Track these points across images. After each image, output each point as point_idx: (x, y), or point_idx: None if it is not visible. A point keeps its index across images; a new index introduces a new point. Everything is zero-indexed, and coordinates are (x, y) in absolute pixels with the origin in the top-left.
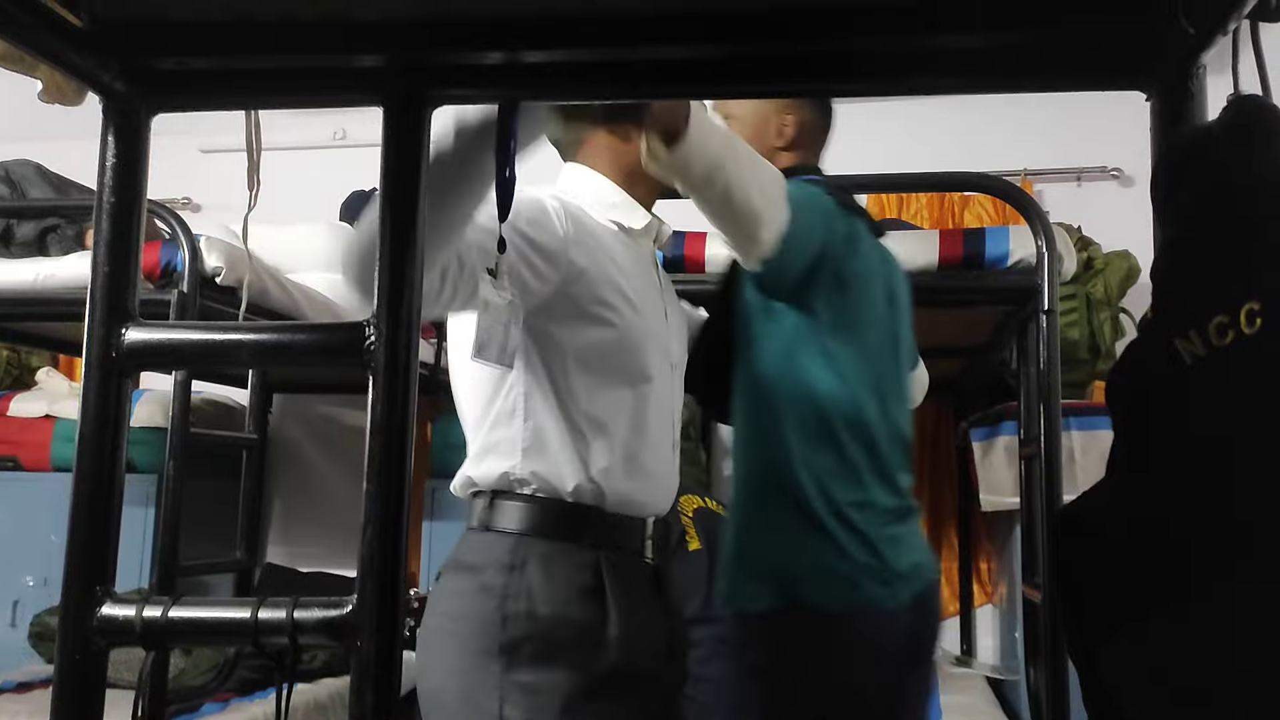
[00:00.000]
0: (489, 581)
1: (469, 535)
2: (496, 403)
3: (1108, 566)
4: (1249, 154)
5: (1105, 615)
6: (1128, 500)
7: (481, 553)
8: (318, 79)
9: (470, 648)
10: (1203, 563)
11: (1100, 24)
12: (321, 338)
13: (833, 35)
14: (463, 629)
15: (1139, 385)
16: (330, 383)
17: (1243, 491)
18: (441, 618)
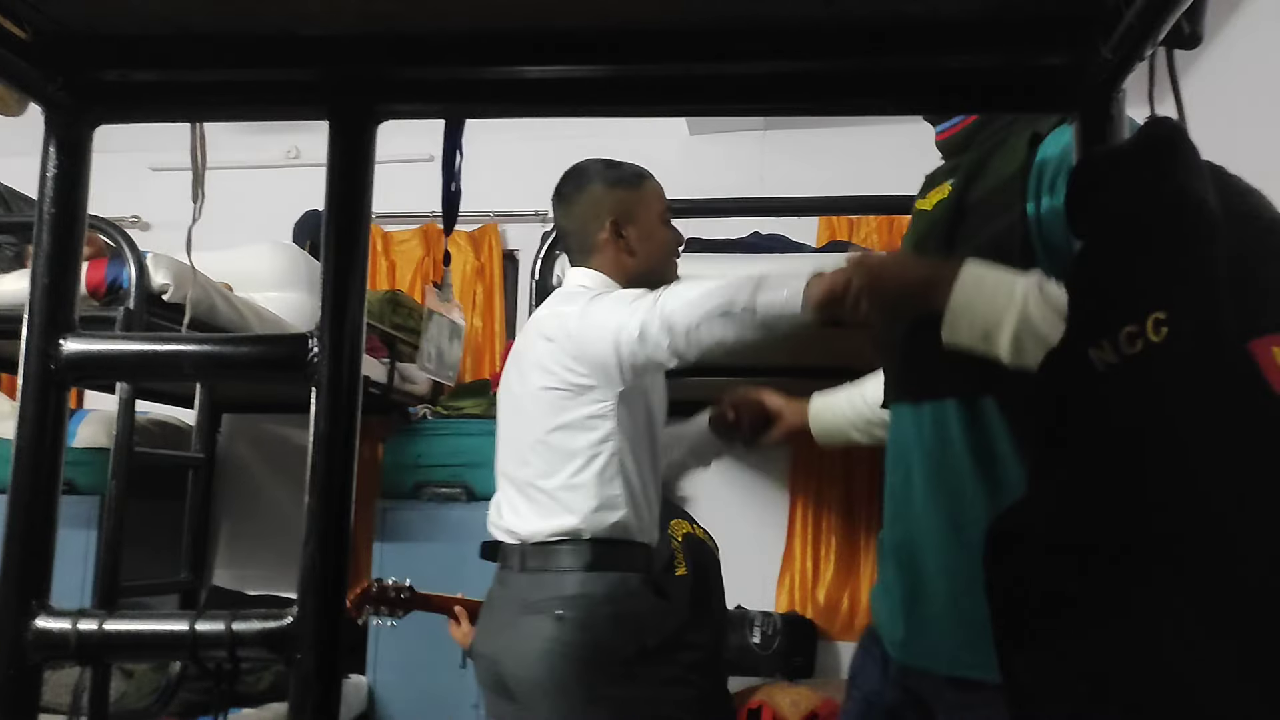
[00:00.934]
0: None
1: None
2: (597, 462)
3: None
4: (1157, 172)
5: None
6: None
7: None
8: (263, 93)
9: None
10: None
11: (1029, 51)
12: (264, 350)
13: (775, 56)
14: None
15: (1056, 394)
16: (280, 402)
17: (1150, 493)
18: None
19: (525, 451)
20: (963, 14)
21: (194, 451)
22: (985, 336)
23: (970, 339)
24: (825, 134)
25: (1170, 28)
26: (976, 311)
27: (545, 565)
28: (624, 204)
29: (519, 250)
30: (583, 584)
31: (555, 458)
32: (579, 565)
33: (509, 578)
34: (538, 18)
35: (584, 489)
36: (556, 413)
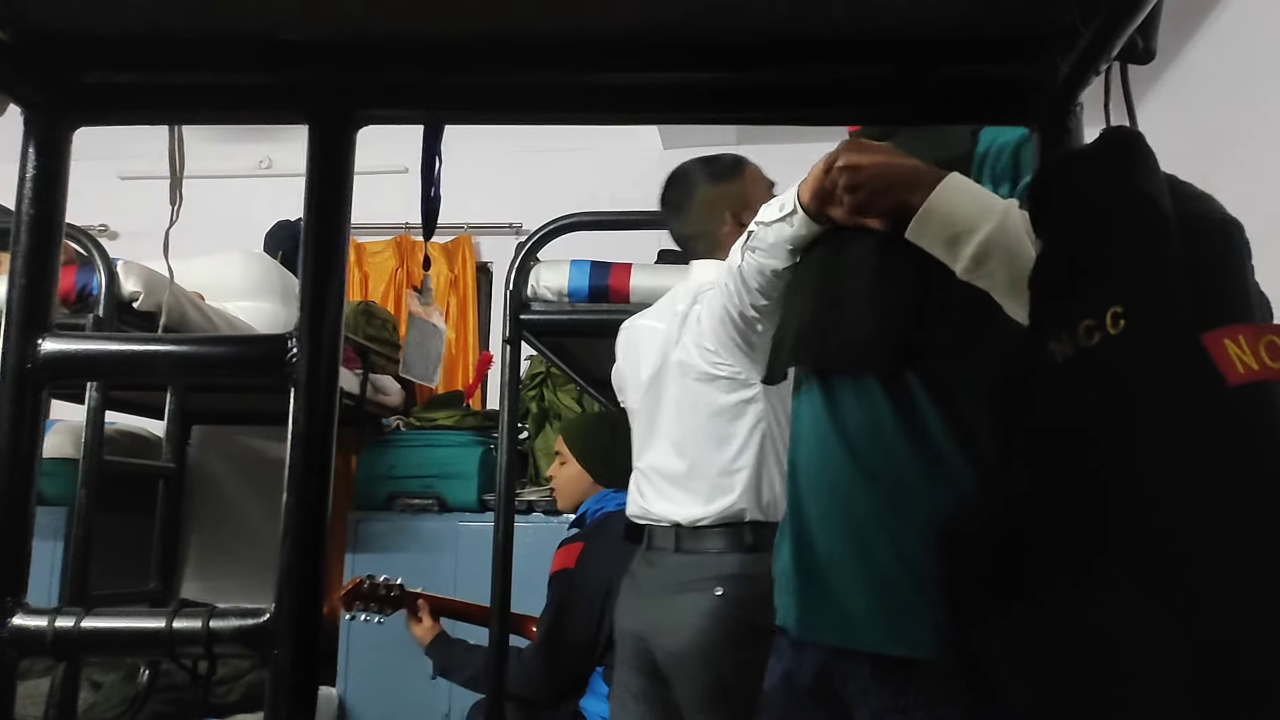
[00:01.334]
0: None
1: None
2: (752, 446)
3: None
4: (1115, 174)
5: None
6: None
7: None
8: (243, 96)
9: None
10: (1062, 545)
11: (992, 64)
12: (242, 351)
13: (747, 66)
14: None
15: (1018, 386)
16: (251, 413)
17: (1106, 479)
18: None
19: (675, 442)
20: (928, 27)
21: (164, 461)
22: (953, 240)
23: (936, 241)
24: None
25: (1125, 43)
26: (954, 213)
27: (701, 547)
28: (736, 193)
29: (492, 262)
30: (742, 565)
31: (712, 445)
32: (738, 547)
33: (660, 558)
34: (517, 25)
35: (743, 472)
36: (708, 402)
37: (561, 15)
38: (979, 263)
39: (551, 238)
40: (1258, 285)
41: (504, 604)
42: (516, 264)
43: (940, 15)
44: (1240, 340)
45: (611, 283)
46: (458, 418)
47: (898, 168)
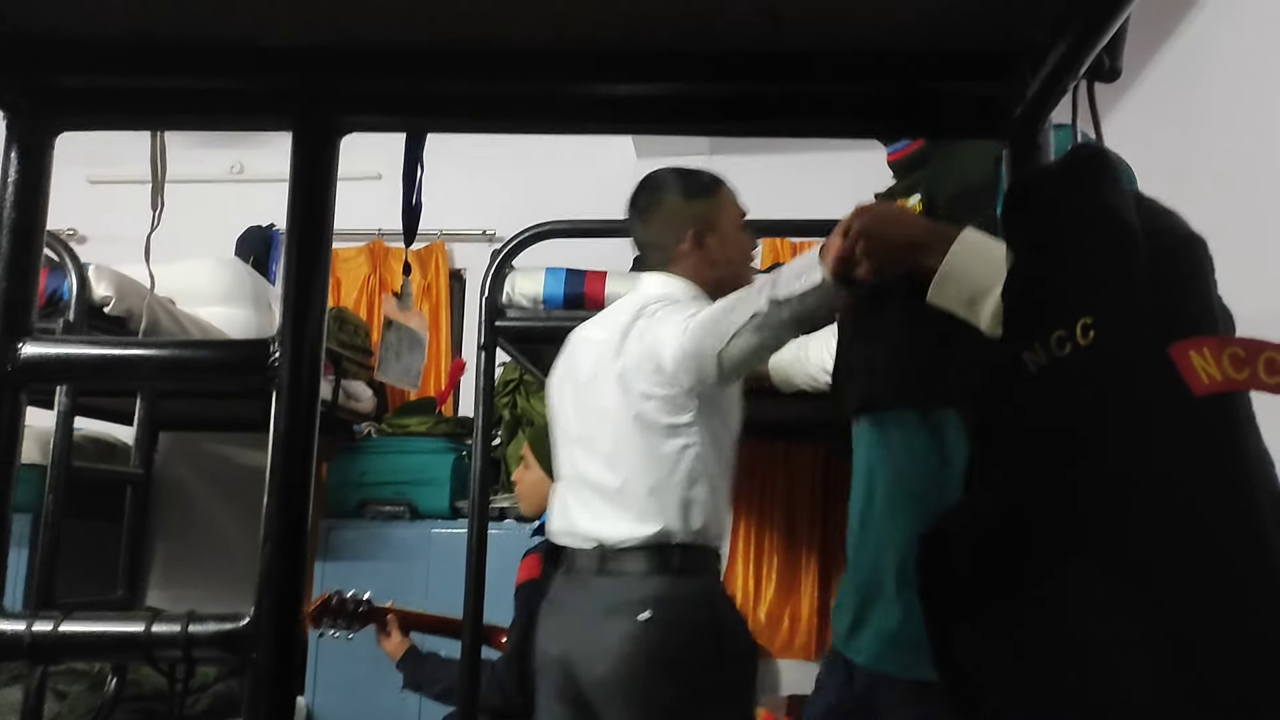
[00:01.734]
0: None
1: (666, 579)
2: (682, 467)
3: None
4: (1084, 188)
5: (959, 602)
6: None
7: (688, 591)
8: (227, 102)
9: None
10: (1041, 549)
11: (965, 80)
12: (224, 354)
13: (724, 77)
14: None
15: (993, 397)
16: (220, 420)
17: (1076, 485)
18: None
19: (607, 456)
20: (902, 42)
21: (132, 467)
22: (971, 301)
23: (955, 302)
24: (770, 159)
25: (1092, 62)
26: (969, 275)
27: (627, 569)
28: (703, 213)
29: (466, 269)
30: (671, 587)
31: (643, 462)
32: (665, 569)
33: (583, 581)
34: (498, 35)
35: (671, 493)
36: (643, 418)
37: (542, 26)
38: (999, 321)
39: (527, 245)
40: (1221, 299)
41: (477, 611)
42: (492, 271)
43: (914, 33)
44: (1205, 352)
45: (587, 290)
46: (430, 424)
47: (912, 231)
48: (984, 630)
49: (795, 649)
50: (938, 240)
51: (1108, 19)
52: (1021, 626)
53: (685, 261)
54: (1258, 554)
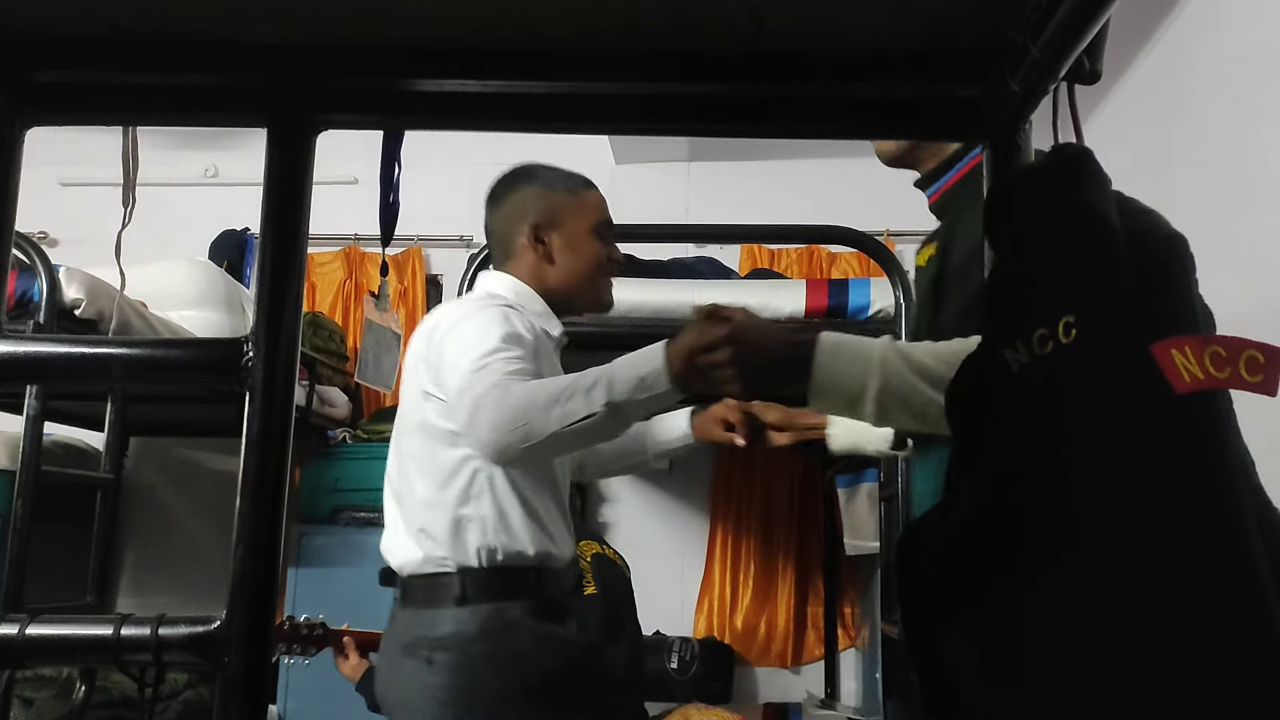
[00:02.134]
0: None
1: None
2: (458, 480)
3: (943, 565)
4: (1066, 188)
5: (942, 608)
6: (961, 499)
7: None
8: (202, 98)
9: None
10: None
11: (945, 82)
12: (197, 354)
13: (705, 78)
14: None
15: (974, 395)
16: (192, 425)
17: (1059, 482)
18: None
19: (400, 463)
20: (884, 44)
21: (102, 472)
22: (851, 403)
23: (837, 407)
24: (748, 166)
25: (1072, 64)
26: (839, 380)
27: (419, 600)
28: (551, 208)
29: (443, 275)
30: (455, 621)
31: (420, 472)
32: (449, 599)
33: (394, 613)
34: (478, 33)
35: (443, 510)
36: (423, 422)
37: (522, 24)
38: (881, 413)
39: None
40: (1201, 298)
41: None
42: (469, 275)
43: (895, 35)
44: (1186, 350)
45: None
46: None
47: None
48: (972, 633)
49: (771, 657)
50: (799, 349)
51: (1088, 22)
52: (1010, 628)
53: (521, 260)
54: (1241, 552)
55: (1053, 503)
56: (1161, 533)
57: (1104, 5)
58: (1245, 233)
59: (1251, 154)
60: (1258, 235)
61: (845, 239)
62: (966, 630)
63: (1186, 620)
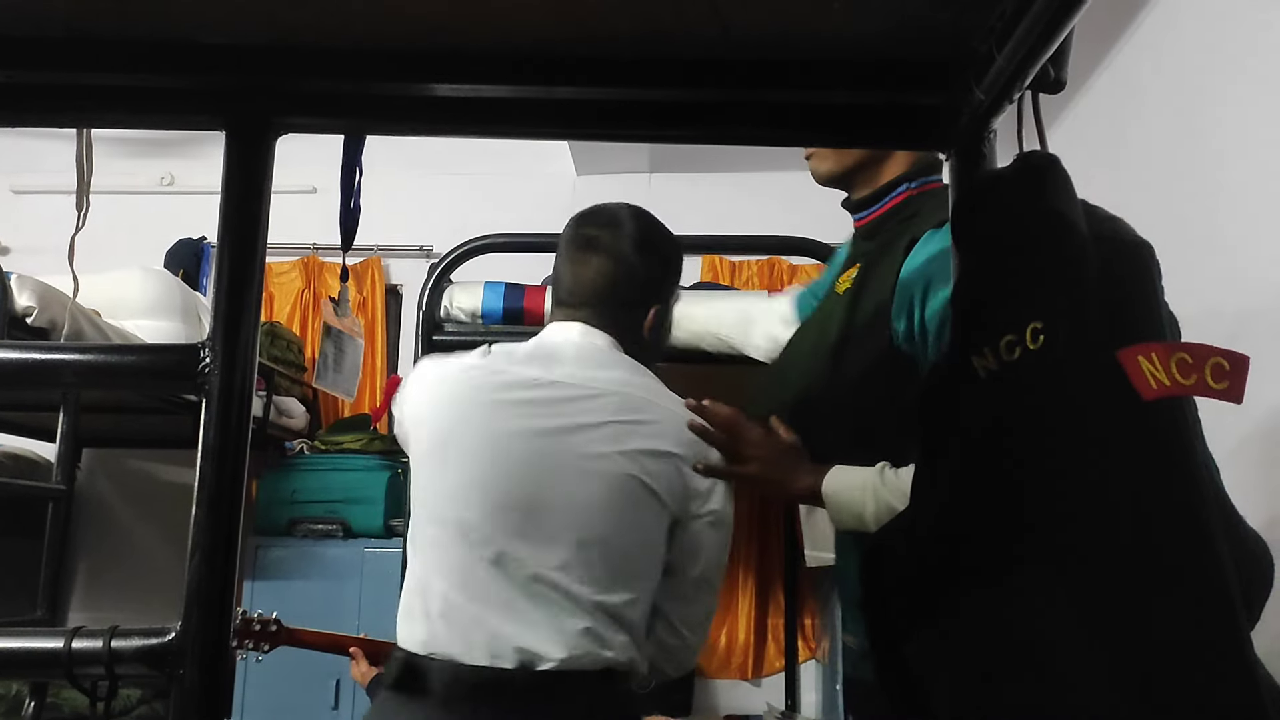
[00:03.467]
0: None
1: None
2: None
3: (910, 571)
4: (1033, 195)
5: (909, 614)
6: (927, 505)
7: None
8: (157, 100)
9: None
10: (993, 554)
11: (911, 90)
12: (153, 360)
13: (670, 83)
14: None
15: (941, 402)
16: (146, 436)
17: (1026, 488)
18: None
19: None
20: (850, 52)
21: (54, 483)
22: (857, 520)
23: (847, 525)
24: (710, 177)
25: (1037, 72)
26: (845, 510)
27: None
28: (668, 291)
29: (402, 285)
30: None
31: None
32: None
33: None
34: (441, 37)
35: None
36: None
37: (485, 28)
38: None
39: (466, 259)
40: (1167, 305)
41: None
42: (430, 284)
43: (861, 43)
44: (1153, 357)
45: (526, 305)
46: (365, 441)
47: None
48: (940, 638)
49: (732, 669)
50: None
51: (1053, 31)
52: (978, 633)
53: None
54: (1206, 558)
55: (1018, 509)
56: (1127, 539)
57: (1068, 15)
58: (1201, 239)
59: (1207, 162)
60: (1215, 242)
61: (806, 250)
62: (934, 635)
63: (1151, 627)
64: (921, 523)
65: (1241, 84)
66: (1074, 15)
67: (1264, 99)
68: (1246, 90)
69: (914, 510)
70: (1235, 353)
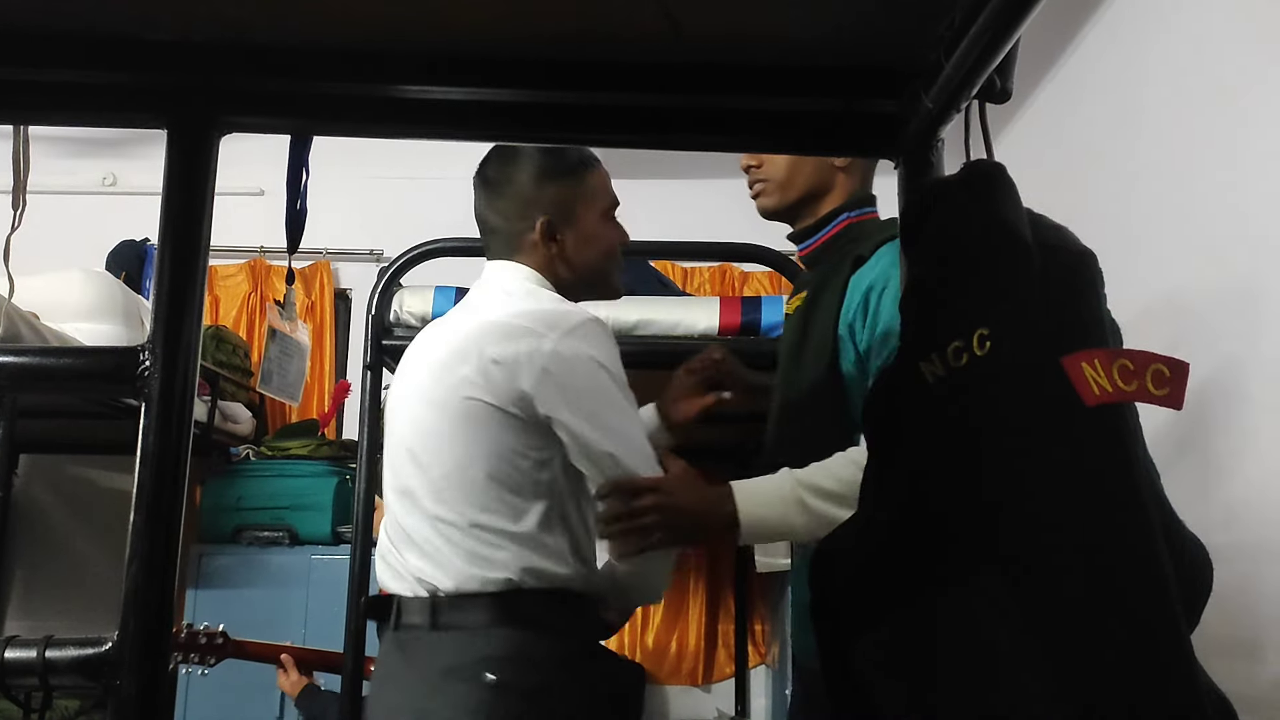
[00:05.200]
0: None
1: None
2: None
3: (859, 575)
4: (979, 204)
5: (857, 618)
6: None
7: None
8: (97, 97)
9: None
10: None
11: (861, 98)
12: (90, 363)
13: (623, 87)
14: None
15: (889, 407)
16: (85, 442)
17: (972, 492)
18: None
19: (447, 482)
20: (801, 59)
21: None
22: (787, 534)
23: (776, 549)
24: (663, 184)
25: (984, 83)
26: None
27: (468, 622)
28: (561, 201)
29: (351, 289)
30: (521, 644)
31: (488, 494)
32: (515, 622)
33: (414, 638)
34: (389, 37)
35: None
36: (494, 442)
37: (433, 29)
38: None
39: (416, 262)
40: (1109, 312)
41: (359, 641)
42: (379, 288)
43: (813, 50)
44: (1096, 363)
45: None
46: (312, 447)
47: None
48: (888, 642)
49: (682, 675)
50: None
51: (1000, 41)
52: (925, 638)
53: (532, 254)
54: (1148, 563)
55: (966, 514)
56: (1070, 544)
57: (1014, 26)
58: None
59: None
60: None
61: (757, 257)
62: (882, 639)
63: (1094, 633)
64: (870, 526)
65: (1178, 95)
66: (1019, 26)
67: (1200, 109)
68: (1183, 101)
69: (863, 515)
70: (1175, 359)
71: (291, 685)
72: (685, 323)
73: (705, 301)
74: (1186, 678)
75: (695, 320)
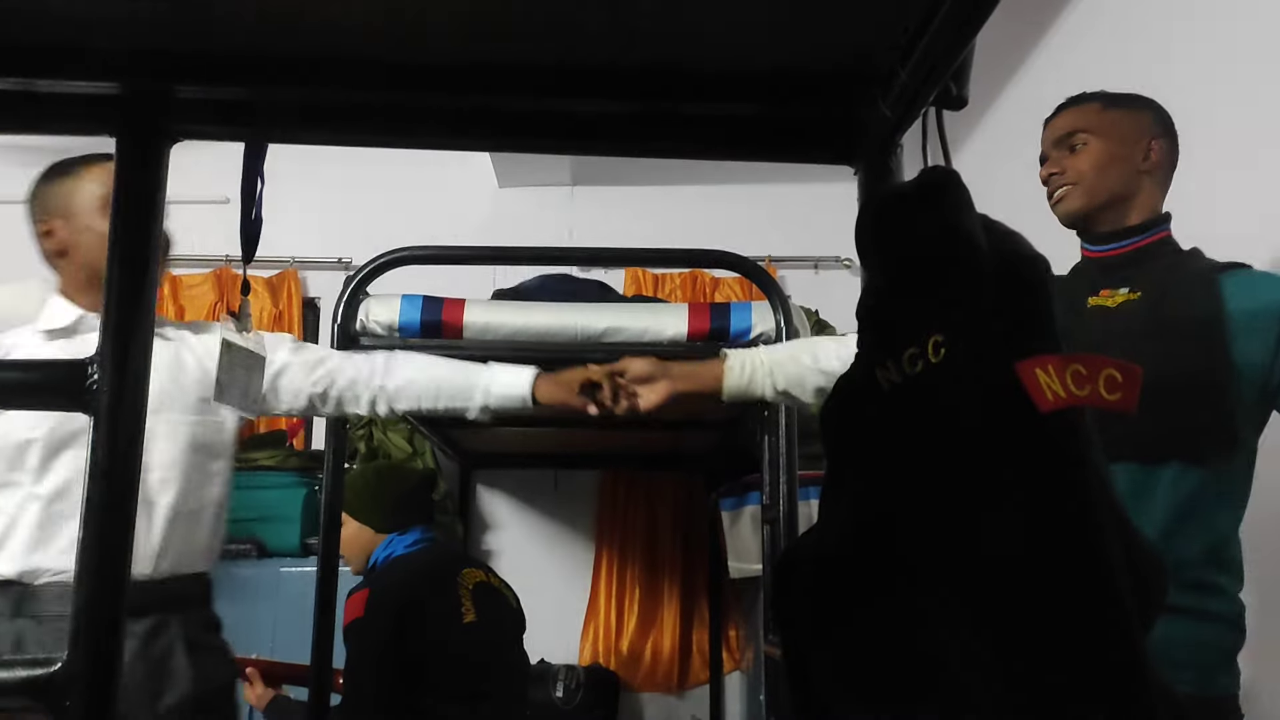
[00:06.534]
0: None
1: None
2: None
3: (816, 585)
4: (934, 210)
5: (815, 628)
6: (832, 519)
7: None
8: (45, 106)
9: None
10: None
11: (818, 105)
12: (37, 376)
13: (580, 94)
14: None
15: (845, 414)
16: None
17: (926, 500)
18: None
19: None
20: (758, 65)
21: None
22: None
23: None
24: (632, 190)
25: (940, 90)
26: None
27: None
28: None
29: (320, 298)
30: None
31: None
32: None
33: None
34: (345, 42)
35: None
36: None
37: (387, 35)
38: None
39: (382, 271)
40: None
41: (324, 654)
42: (345, 296)
43: (771, 55)
44: (1050, 369)
45: (445, 318)
46: (280, 458)
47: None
48: (843, 652)
49: (657, 682)
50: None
51: (955, 48)
52: (879, 648)
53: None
54: (1102, 573)
55: (919, 522)
56: (1023, 552)
57: (968, 32)
58: None
59: None
60: None
61: (728, 264)
62: (838, 650)
63: (1046, 641)
64: (828, 535)
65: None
66: (973, 33)
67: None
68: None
69: (820, 524)
70: (1127, 364)
71: (258, 698)
72: (653, 329)
73: (674, 308)
74: (1139, 680)
75: (663, 327)
